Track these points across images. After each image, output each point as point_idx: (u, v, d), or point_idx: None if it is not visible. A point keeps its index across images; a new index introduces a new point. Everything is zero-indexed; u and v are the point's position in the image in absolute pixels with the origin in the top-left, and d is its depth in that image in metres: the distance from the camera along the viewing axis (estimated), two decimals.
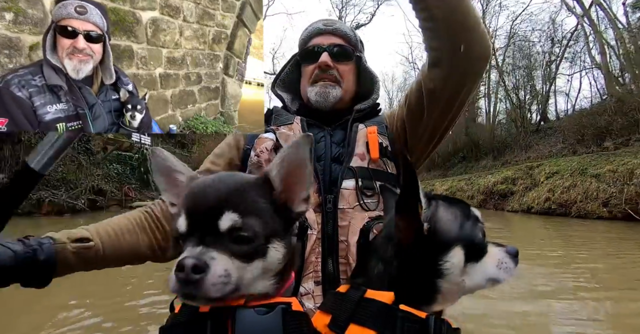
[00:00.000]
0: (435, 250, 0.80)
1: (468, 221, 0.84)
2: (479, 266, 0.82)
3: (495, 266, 0.83)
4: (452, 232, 0.81)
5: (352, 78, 1.47)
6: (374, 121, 1.40)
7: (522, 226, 7.86)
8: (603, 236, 6.16)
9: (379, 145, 1.27)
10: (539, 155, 17.44)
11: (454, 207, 0.86)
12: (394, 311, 0.74)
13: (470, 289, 0.83)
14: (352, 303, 0.76)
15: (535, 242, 5.94)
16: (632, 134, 12.51)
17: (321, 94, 1.39)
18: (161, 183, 0.83)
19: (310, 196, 0.77)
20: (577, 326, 3.03)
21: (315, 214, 1.18)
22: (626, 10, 16.24)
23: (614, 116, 13.63)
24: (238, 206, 0.68)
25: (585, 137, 14.55)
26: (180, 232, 0.69)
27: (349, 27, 1.50)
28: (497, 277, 0.83)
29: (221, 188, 0.71)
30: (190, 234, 0.67)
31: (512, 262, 0.85)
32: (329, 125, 1.40)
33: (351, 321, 0.74)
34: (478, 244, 0.83)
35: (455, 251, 0.80)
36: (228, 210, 0.67)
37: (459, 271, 0.80)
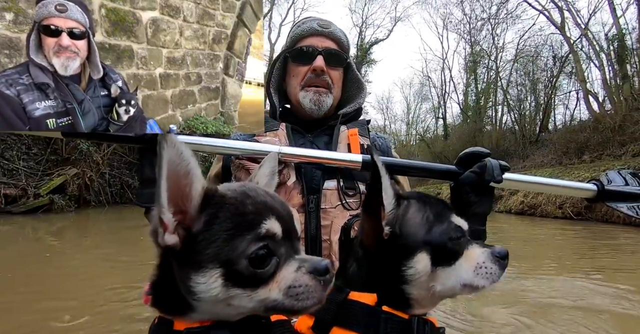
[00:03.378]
0: (399, 255, 0.75)
1: (440, 223, 0.77)
2: (452, 270, 0.75)
3: (472, 271, 0.75)
4: (418, 235, 0.76)
5: (340, 84, 1.49)
6: (355, 123, 1.42)
7: (504, 221, 10.78)
8: (554, 229, 8.73)
9: (360, 146, 1.29)
10: (534, 164, 19.25)
11: (427, 208, 0.79)
12: (378, 312, 0.72)
13: (445, 295, 0.78)
14: (335, 305, 0.75)
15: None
16: (604, 150, 15.27)
17: (315, 102, 1.40)
18: (166, 191, 0.58)
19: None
20: None
21: (298, 214, 1.18)
22: (608, 42, 18.47)
23: (591, 133, 16.49)
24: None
25: (569, 150, 17.27)
26: (276, 238, 0.62)
27: (342, 30, 1.50)
28: (472, 283, 0.75)
29: (277, 196, 0.71)
30: (284, 240, 0.64)
31: (496, 266, 0.76)
32: (313, 130, 1.42)
33: (335, 323, 0.73)
34: (449, 248, 0.76)
35: (420, 256, 0.74)
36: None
37: (426, 277, 0.75)
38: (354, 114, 1.50)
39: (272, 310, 0.62)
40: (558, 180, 1.20)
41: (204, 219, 0.61)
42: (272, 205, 0.65)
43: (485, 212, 1.05)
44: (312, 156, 1.17)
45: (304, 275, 0.60)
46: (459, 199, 1.06)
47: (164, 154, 0.56)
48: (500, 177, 1.01)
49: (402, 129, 46.10)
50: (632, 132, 14.28)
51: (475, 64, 30.31)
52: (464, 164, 1.09)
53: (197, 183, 0.61)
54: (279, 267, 0.61)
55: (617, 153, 14.53)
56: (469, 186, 1.03)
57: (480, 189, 1.03)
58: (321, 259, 0.63)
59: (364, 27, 35.03)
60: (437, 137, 36.52)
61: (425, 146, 35.21)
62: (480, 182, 1.02)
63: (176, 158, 0.58)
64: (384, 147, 1.46)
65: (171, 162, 0.58)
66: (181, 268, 0.61)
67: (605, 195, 1.17)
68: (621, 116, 15.46)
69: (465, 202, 1.04)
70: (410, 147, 41.17)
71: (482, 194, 1.03)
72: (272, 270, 0.60)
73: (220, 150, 1.18)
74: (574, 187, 1.19)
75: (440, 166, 1.13)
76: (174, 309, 0.65)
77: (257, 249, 0.59)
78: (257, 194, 0.65)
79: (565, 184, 1.20)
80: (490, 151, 1.09)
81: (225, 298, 0.60)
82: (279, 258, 0.61)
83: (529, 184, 1.15)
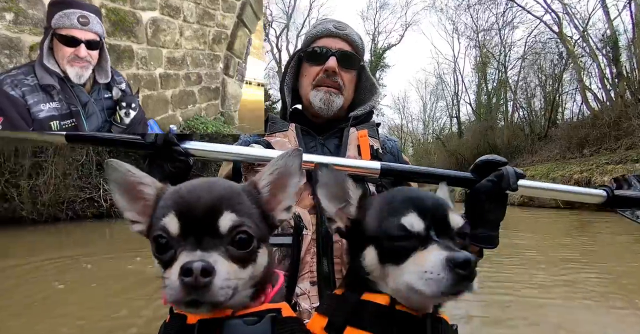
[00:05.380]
0: (357, 247, 0.79)
1: (389, 220, 0.74)
2: (399, 269, 0.72)
3: (416, 275, 0.69)
4: (369, 231, 0.77)
5: (352, 87, 1.48)
6: (365, 125, 1.41)
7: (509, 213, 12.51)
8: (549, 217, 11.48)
9: (370, 147, 1.28)
10: (541, 159, 20.33)
11: (385, 206, 0.78)
12: (391, 312, 0.72)
13: (404, 292, 0.73)
14: (349, 306, 0.75)
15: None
16: (602, 144, 16.39)
17: (325, 101, 1.38)
18: (122, 201, 0.75)
19: (291, 206, 0.78)
20: None
21: (310, 215, 1.17)
22: (603, 42, 19.20)
23: (590, 129, 17.58)
24: (235, 206, 0.67)
25: (571, 145, 18.49)
26: (172, 235, 0.64)
27: (358, 33, 1.49)
28: (416, 287, 0.68)
29: (216, 190, 0.69)
30: (183, 237, 0.64)
31: (447, 274, 0.66)
32: (323, 133, 1.41)
33: (348, 323, 0.73)
34: (388, 247, 0.73)
35: (368, 250, 0.76)
36: (227, 210, 0.66)
37: (379, 271, 0.74)
38: (364, 117, 1.49)
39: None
40: (569, 186, 1.21)
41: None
42: (180, 201, 0.67)
43: (499, 219, 1.06)
44: (328, 163, 1.12)
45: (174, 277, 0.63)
46: (473, 205, 1.07)
47: (110, 176, 0.75)
48: (515, 185, 1.02)
49: (419, 128, 46.81)
50: (626, 127, 15.12)
51: (484, 65, 30.77)
52: (479, 172, 1.09)
53: (147, 188, 0.74)
54: (175, 257, 0.64)
55: (613, 147, 15.55)
56: (485, 194, 1.04)
57: (495, 197, 1.04)
58: (189, 260, 0.61)
59: (377, 33, 36.02)
60: (452, 135, 37.15)
61: (441, 145, 35.90)
62: (497, 190, 1.03)
63: (121, 176, 0.75)
64: (394, 150, 1.45)
65: (117, 180, 0.75)
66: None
67: (615, 201, 1.17)
68: (617, 112, 16.28)
69: (479, 209, 1.05)
70: (427, 145, 41.68)
71: (496, 202, 1.04)
72: (167, 258, 0.65)
73: (232, 157, 1.13)
74: (584, 193, 1.20)
75: (456, 173, 1.13)
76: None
77: (156, 236, 0.66)
78: (178, 190, 0.71)
79: (575, 190, 1.21)
80: (507, 160, 1.09)
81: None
82: (175, 250, 0.64)
83: (541, 191, 1.17)
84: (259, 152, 1.09)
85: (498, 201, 1.04)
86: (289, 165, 0.77)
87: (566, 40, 21.06)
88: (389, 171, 1.08)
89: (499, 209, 1.04)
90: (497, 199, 1.04)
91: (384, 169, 1.08)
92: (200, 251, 0.62)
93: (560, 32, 21.00)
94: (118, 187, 0.75)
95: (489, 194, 1.03)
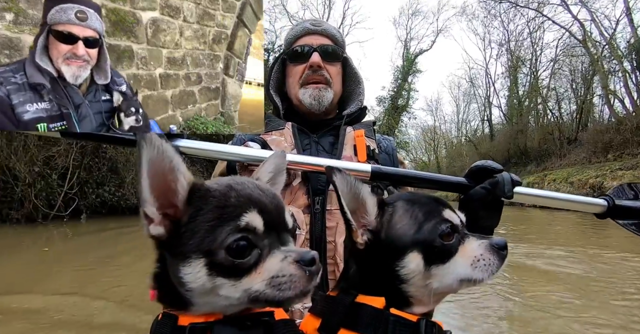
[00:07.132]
0: (390, 256, 0.76)
1: (429, 221, 0.76)
2: (447, 267, 0.74)
3: (470, 265, 0.74)
4: (406, 237, 0.75)
5: (339, 80, 1.48)
6: (361, 124, 1.41)
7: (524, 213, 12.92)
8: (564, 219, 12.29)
9: (366, 148, 1.28)
10: (569, 163, 20.85)
11: (416, 207, 0.78)
12: (386, 315, 0.72)
13: (445, 292, 0.77)
14: (343, 307, 0.75)
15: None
16: (625, 149, 17.17)
17: (315, 97, 1.39)
18: (148, 190, 0.62)
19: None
20: None
21: (304, 215, 1.18)
22: (629, 49, 19.48)
23: (614, 134, 18.21)
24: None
25: (597, 149, 18.87)
26: (257, 233, 0.63)
27: (335, 27, 1.50)
28: (470, 277, 0.74)
29: (269, 189, 0.72)
30: (267, 232, 0.64)
31: (495, 257, 0.74)
32: (316, 131, 1.40)
33: (342, 325, 0.73)
34: (440, 246, 0.75)
35: (411, 256, 0.74)
36: (286, 208, 0.70)
37: (421, 276, 0.74)
38: (358, 114, 1.49)
39: (256, 301, 0.62)
40: (566, 194, 1.16)
41: (190, 211, 0.63)
42: (256, 198, 0.65)
43: (493, 226, 1.05)
44: (319, 164, 1.12)
45: (290, 265, 0.61)
46: (467, 211, 1.05)
47: (143, 154, 0.60)
48: (511, 193, 1.00)
49: (452, 130, 46.78)
50: None
51: (515, 70, 30.89)
52: (474, 177, 1.07)
53: (182, 178, 0.64)
54: (261, 258, 0.62)
55: (634, 153, 15.99)
56: (479, 201, 1.03)
57: (490, 205, 1.03)
58: (308, 250, 0.64)
59: (409, 39, 37.16)
60: (484, 138, 37.41)
61: (473, 147, 36.27)
62: (491, 198, 1.01)
63: (158, 156, 0.61)
64: (389, 149, 1.45)
65: (152, 161, 0.61)
66: (171, 260, 0.64)
67: (616, 211, 1.13)
68: (639, 118, 16.66)
69: (473, 215, 1.02)
70: (460, 147, 41.72)
71: (491, 209, 1.03)
72: (252, 260, 0.61)
73: (224, 156, 1.13)
74: (583, 201, 1.16)
75: (449, 178, 1.11)
76: (177, 302, 0.67)
77: (235, 240, 0.60)
78: (242, 188, 0.67)
79: (574, 198, 1.16)
80: (502, 167, 1.07)
81: (212, 287, 0.61)
82: (261, 249, 0.62)
83: (538, 198, 1.13)
84: (248, 152, 1.10)
85: (492, 208, 1.02)
86: (279, 165, 0.82)
87: (593, 46, 21.27)
88: (380, 174, 1.07)
89: (494, 216, 1.02)
90: (491, 207, 1.01)
91: (374, 172, 1.07)
92: (285, 246, 0.65)
93: (584, 41, 21.23)
94: (150, 169, 0.61)
95: (483, 201, 1.01)
